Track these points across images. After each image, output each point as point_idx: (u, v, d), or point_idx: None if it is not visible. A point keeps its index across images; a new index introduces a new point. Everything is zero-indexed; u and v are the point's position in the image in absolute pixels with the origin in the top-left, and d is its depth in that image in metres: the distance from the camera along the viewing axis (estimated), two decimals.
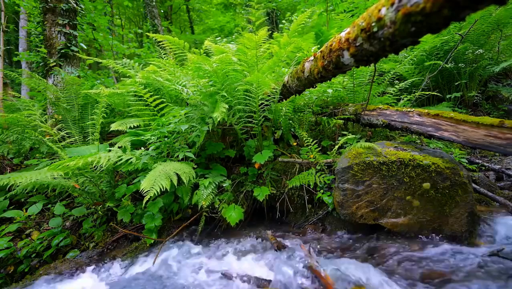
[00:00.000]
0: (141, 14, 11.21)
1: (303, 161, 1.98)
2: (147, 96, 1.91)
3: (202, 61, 1.80)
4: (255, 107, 1.90)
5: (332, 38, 1.15)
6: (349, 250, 1.49)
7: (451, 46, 3.10)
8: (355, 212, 1.52)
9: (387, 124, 1.83)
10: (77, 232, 1.89)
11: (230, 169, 2.16)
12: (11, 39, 10.27)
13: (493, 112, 3.26)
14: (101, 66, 7.68)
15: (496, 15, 2.86)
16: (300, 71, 1.58)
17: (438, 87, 3.45)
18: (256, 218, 2.08)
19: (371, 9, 0.83)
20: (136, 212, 1.81)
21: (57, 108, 2.83)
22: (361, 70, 2.31)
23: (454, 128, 1.46)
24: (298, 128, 2.18)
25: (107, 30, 5.22)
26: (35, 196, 2.13)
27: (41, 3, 3.34)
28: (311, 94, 2.37)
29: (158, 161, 1.72)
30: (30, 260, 1.66)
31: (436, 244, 1.35)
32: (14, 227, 1.79)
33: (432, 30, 0.71)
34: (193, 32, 12.12)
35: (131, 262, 1.57)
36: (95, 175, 1.86)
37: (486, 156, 2.61)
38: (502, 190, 1.94)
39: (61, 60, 3.35)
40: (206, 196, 1.69)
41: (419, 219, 1.43)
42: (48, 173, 1.41)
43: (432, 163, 1.43)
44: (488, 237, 1.42)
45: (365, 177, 1.52)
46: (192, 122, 1.89)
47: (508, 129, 1.25)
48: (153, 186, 1.33)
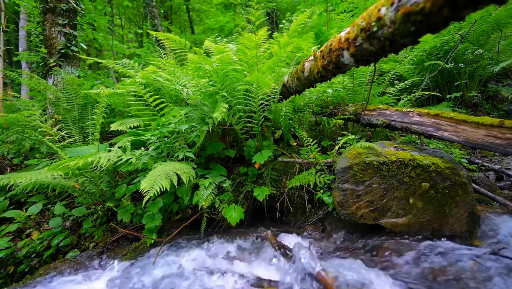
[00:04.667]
0: (141, 14, 11.22)
1: (303, 161, 1.98)
2: (147, 96, 1.91)
3: (202, 61, 1.80)
4: (255, 107, 1.90)
5: (332, 38, 1.15)
6: (349, 250, 1.49)
7: (451, 46, 3.10)
8: (355, 212, 1.52)
9: (387, 124, 1.83)
10: (77, 232, 1.89)
11: (230, 169, 2.16)
12: (11, 39, 10.27)
13: (493, 112, 3.26)
14: (101, 66, 7.67)
15: (496, 15, 2.86)
16: (300, 71, 1.58)
17: (438, 87, 3.45)
18: (256, 218, 2.08)
19: (371, 9, 0.83)
20: (136, 212, 1.81)
21: (57, 108, 2.83)
22: (361, 70, 2.31)
23: (454, 128, 1.46)
24: (298, 128, 2.18)
25: (107, 30, 5.22)
26: (35, 196, 2.13)
27: (41, 3, 3.34)
28: (311, 94, 2.37)
29: (158, 161, 1.72)
30: (30, 260, 1.66)
31: (436, 244, 1.35)
32: (14, 227, 1.79)
33: (432, 30, 0.71)
34: (193, 32, 12.12)
35: (131, 262, 1.57)
36: (95, 175, 1.86)
37: (486, 156, 2.61)
38: (502, 190, 1.94)
39: (61, 60, 3.34)
40: (206, 196, 1.69)
41: (419, 219, 1.43)
42: (48, 173, 1.41)
43: (432, 163, 1.43)
44: (488, 237, 1.41)
45: (365, 177, 1.52)
46: (192, 122, 1.88)
47: (508, 129, 1.24)
48: (153, 186, 1.33)
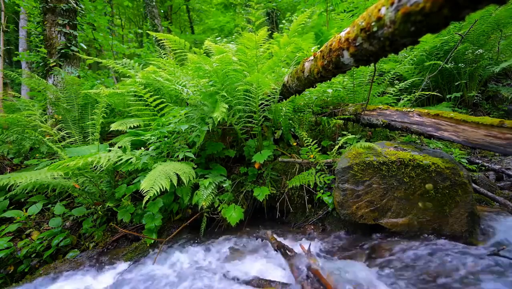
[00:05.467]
0: (141, 14, 11.21)
1: (303, 161, 1.98)
2: (147, 96, 1.91)
3: (202, 61, 1.80)
4: (255, 107, 1.90)
5: (332, 38, 1.15)
6: (349, 250, 1.49)
7: (451, 46, 3.10)
8: (355, 212, 1.52)
9: (387, 124, 1.83)
10: (77, 232, 1.89)
11: (230, 169, 2.16)
12: (11, 39, 10.27)
13: (493, 112, 3.26)
14: (101, 66, 7.68)
15: (496, 15, 2.86)
16: (300, 71, 1.58)
17: (438, 87, 3.45)
18: (256, 218, 2.08)
19: (371, 9, 0.83)
20: (136, 212, 1.81)
21: (57, 108, 2.83)
22: (361, 70, 2.31)
23: (454, 128, 1.46)
24: (298, 128, 2.17)
25: (107, 30, 5.22)
26: (35, 196, 2.13)
27: (41, 3, 3.34)
28: (311, 94, 2.37)
29: (158, 161, 1.72)
30: (30, 260, 1.66)
31: (436, 244, 1.35)
32: (14, 227, 1.79)
33: (432, 30, 0.71)
34: (193, 32, 12.12)
35: (131, 262, 1.57)
36: (95, 175, 1.86)
37: (486, 156, 2.61)
38: (502, 190, 1.94)
39: (61, 60, 3.34)
40: (206, 196, 1.69)
41: (419, 219, 1.43)
42: (48, 173, 1.41)
43: (432, 163, 1.43)
44: (488, 237, 1.41)
45: (365, 177, 1.52)
46: (192, 122, 1.88)
47: (508, 129, 1.24)
48: (153, 186, 1.33)
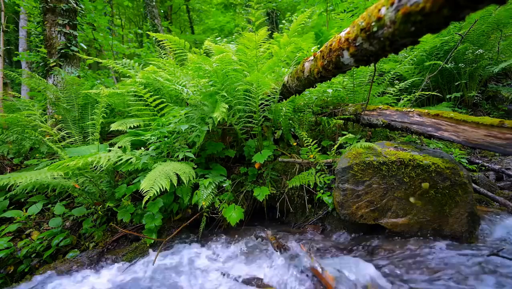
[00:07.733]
0: (141, 14, 11.21)
1: (303, 161, 1.98)
2: (147, 96, 1.91)
3: (202, 61, 1.80)
4: (255, 107, 1.90)
5: (332, 38, 1.15)
6: (349, 250, 1.49)
7: (451, 46, 3.10)
8: (355, 212, 1.52)
9: (387, 125, 1.83)
10: (77, 232, 1.89)
11: (230, 169, 2.16)
12: (11, 39, 10.27)
13: (493, 112, 3.26)
14: (101, 66, 7.68)
15: (496, 15, 2.86)
16: (300, 71, 1.58)
17: (438, 87, 3.45)
18: (256, 218, 2.08)
19: (371, 9, 0.83)
20: (136, 212, 1.81)
21: (57, 108, 2.83)
22: (361, 70, 2.31)
23: (454, 128, 1.46)
24: (298, 128, 2.17)
25: (107, 30, 5.22)
26: (35, 196, 2.13)
27: (41, 3, 3.34)
28: (311, 94, 2.37)
29: (158, 161, 1.72)
30: (30, 260, 1.66)
31: (436, 244, 1.35)
32: (14, 227, 1.79)
33: (432, 30, 0.71)
34: (193, 32, 12.13)
35: (131, 262, 1.57)
36: (95, 175, 1.86)
37: (486, 156, 2.61)
38: (502, 190, 1.94)
39: (61, 60, 3.34)
40: (206, 196, 1.69)
41: (419, 219, 1.43)
42: (48, 173, 1.41)
43: (432, 163, 1.43)
44: (488, 237, 1.42)
45: (365, 177, 1.52)
46: (192, 122, 1.88)
47: (508, 129, 1.24)
48: (153, 186, 1.33)
